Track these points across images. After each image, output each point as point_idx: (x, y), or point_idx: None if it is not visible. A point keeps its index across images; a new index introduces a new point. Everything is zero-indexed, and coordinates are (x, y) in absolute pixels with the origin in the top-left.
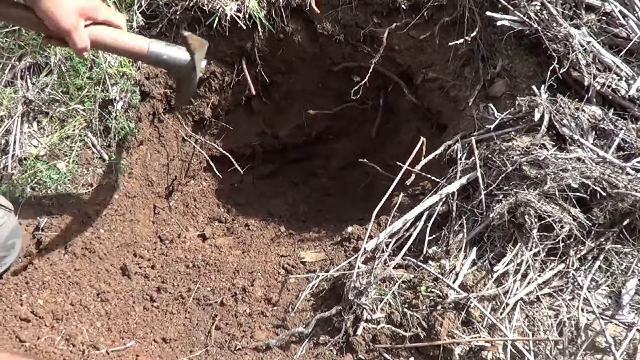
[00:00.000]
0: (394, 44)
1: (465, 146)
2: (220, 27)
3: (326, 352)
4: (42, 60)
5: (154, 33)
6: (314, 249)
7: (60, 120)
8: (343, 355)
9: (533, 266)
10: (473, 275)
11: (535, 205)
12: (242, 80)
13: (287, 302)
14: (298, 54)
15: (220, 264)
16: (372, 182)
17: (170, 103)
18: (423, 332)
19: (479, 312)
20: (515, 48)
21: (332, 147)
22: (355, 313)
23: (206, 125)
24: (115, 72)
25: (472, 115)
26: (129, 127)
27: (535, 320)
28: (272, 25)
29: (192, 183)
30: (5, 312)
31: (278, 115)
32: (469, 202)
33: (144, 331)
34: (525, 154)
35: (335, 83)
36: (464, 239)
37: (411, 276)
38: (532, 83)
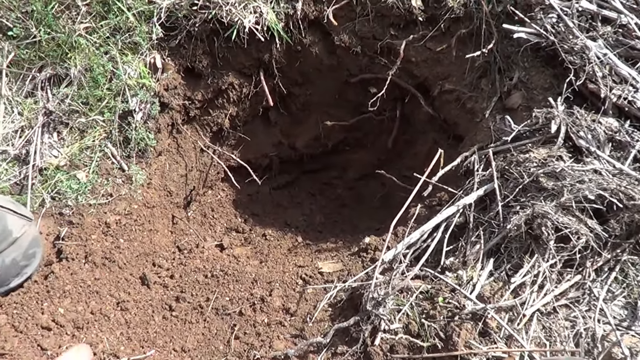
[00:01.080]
0: (411, 56)
1: (482, 158)
2: (238, 39)
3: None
4: (62, 71)
5: (173, 45)
6: (332, 260)
7: (80, 130)
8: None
9: (550, 277)
10: (490, 286)
11: (552, 217)
12: (260, 91)
13: (305, 312)
14: (315, 66)
15: (239, 274)
16: (388, 193)
17: (188, 114)
18: (440, 343)
19: (496, 322)
20: (532, 60)
21: (348, 158)
22: (373, 323)
23: (224, 136)
24: (135, 83)
25: (488, 127)
26: (148, 138)
27: (552, 331)
28: (290, 37)
29: (210, 193)
30: (27, 320)
31: (295, 126)
32: (486, 214)
33: (163, 340)
34: (542, 165)
35: (352, 94)
36: (481, 250)
37: (429, 287)
38: (549, 95)
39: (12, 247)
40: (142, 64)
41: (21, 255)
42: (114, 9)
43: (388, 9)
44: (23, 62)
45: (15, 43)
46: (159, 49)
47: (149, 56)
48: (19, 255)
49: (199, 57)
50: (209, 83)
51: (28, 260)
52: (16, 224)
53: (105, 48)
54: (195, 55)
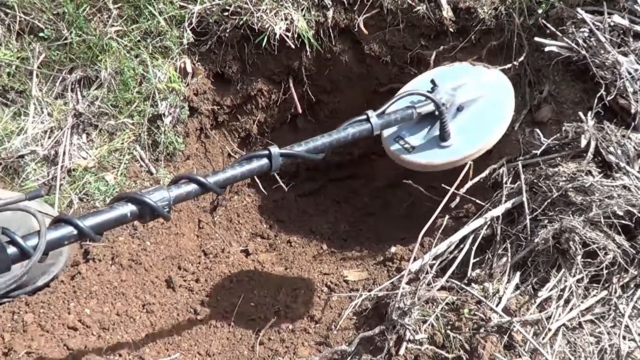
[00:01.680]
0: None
1: (510, 170)
2: (268, 45)
3: None
4: (92, 73)
5: (203, 50)
6: (357, 268)
7: (109, 133)
8: None
9: (576, 292)
10: (516, 300)
11: (580, 232)
12: (289, 98)
13: (329, 320)
14: (345, 74)
15: (264, 280)
16: (414, 202)
17: (217, 119)
18: (465, 355)
19: (521, 336)
20: (563, 74)
21: (374, 167)
22: (398, 333)
23: (252, 142)
24: (165, 87)
25: (517, 140)
26: (177, 142)
27: (577, 347)
28: (320, 45)
29: (236, 199)
30: (54, 320)
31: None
32: (514, 227)
33: (188, 344)
34: (571, 180)
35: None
36: (507, 263)
37: (454, 298)
38: (579, 109)
39: None
40: (173, 68)
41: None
42: (145, 13)
43: (419, 19)
44: (53, 64)
45: (47, 44)
46: (189, 53)
47: (179, 60)
48: None
49: (229, 62)
50: (238, 89)
51: (54, 258)
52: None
53: (135, 51)
54: (225, 60)
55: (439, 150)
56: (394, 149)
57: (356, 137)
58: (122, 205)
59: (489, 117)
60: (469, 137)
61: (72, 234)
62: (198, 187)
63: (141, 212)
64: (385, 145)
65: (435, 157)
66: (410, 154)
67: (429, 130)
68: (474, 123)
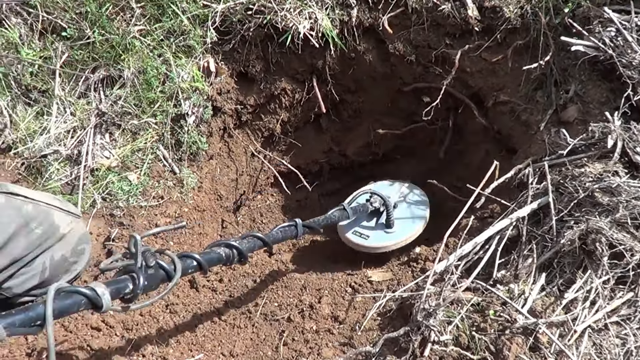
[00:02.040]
0: (466, 66)
1: (536, 171)
2: (292, 44)
3: None
4: (115, 73)
5: (227, 49)
6: (381, 268)
7: (132, 132)
8: None
9: (602, 294)
10: (542, 301)
11: (606, 233)
12: (312, 97)
13: (354, 321)
14: (369, 73)
15: (287, 280)
16: (437, 202)
17: (240, 119)
18: (491, 356)
19: (547, 338)
20: (589, 73)
21: (399, 166)
22: (423, 334)
23: (275, 141)
24: (188, 86)
25: (543, 140)
26: (200, 142)
27: (603, 348)
28: (344, 44)
29: (259, 198)
30: (77, 320)
31: (346, 133)
32: (539, 227)
33: (211, 344)
34: (598, 180)
35: (404, 103)
36: (533, 264)
37: (480, 299)
38: (605, 109)
39: (60, 244)
40: (196, 68)
41: (70, 251)
42: (169, 12)
43: (444, 18)
44: (76, 63)
45: (69, 44)
46: (213, 52)
47: (203, 60)
48: (68, 251)
49: (253, 61)
50: (261, 88)
51: (77, 256)
52: (63, 220)
53: (159, 51)
54: (248, 59)
55: (387, 236)
56: (354, 239)
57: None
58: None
59: (415, 212)
60: (405, 225)
61: (194, 265)
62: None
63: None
64: (343, 236)
65: (386, 241)
66: (367, 241)
67: (375, 223)
68: (406, 215)
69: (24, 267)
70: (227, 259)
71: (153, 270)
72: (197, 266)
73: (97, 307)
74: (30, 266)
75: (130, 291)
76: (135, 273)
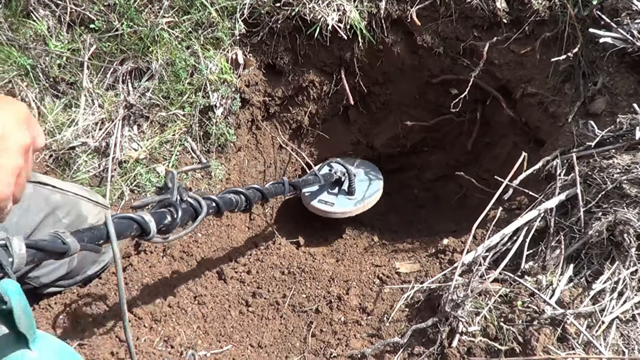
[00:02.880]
0: (494, 58)
1: (564, 162)
2: (320, 36)
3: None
4: (143, 65)
5: (255, 41)
6: (409, 260)
7: (160, 124)
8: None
9: (630, 285)
10: (569, 292)
11: (634, 224)
12: (340, 90)
13: (381, 312)
14: (397, 65)
15: (315, 272)
16: (465, 194)
17: (268, 111)
18: (519, 347)
19: (574, 328)
20: (617, 65)
21: (426, 158)
22: (451, 325)
23: (303, 133)
24: (216, 78)
25: (571, 132)
26: (229, 134)
27: (631, 339)
28: (372, 36)
29: None
30: (106, 311)
31: (374, 125)
32: (567, 219)
33: (240, 335)
34: (626, 172)
35: (432, 95)
36: (561, 255)
37: (507, 291)
38: (633, 101)
39: None
40: (224, 60)
41: None
42: (197, 4)
43: (472, 10)
44: (104, 55)
45: (97, 36)
46: (241, 44)
47: (231, 52)
48: None
49: (281, 53)
50: (289, 80)
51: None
52: (91, 211)
53: (187, 43)
54: (276, 52)
55: (349, 202)
56: (320, 206)
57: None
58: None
59: (372, 180)
60: (364, 191)
61: (213, 206)
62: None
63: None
64: (308, 204)
65: (349, 206)
66: (332, 207)
67: (338, 191)
68: (365, 184)
69: None
70: (237, 204)
71: (185, 206)
72: (215, 207)
73: (145, 233)
74: None
75: (169, 222)
76: (173, 206)
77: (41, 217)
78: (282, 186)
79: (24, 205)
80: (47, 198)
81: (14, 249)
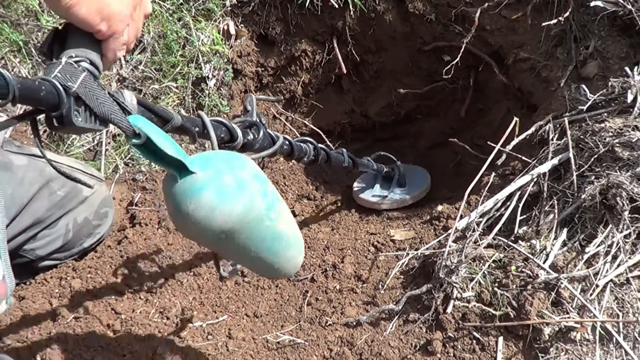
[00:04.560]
0: (486, 24)
1: (557, 127)
2: (312, 6)
3: (416, 330)
4: None
5: (246, 12)
6: (403, 227)
7: (153, 97)
8: (432, 333)
9: (624, 248)
10: (563, 256)
11: (627, 187)
12: (333, 59)
13: (377, 280)
14: (389, 33)
15: (311, 241)
16: (460, 161)
17: (261, 81)
18: (513, 312)
19: (568, 292)
20: (608, 29)
21: (420, 126)
22: (445, 291)
23: (297, 103)
24: (208, 50)
25: (563, 96)
26: (222, 105)
27: (625, 302)
28: (364, 4)
29: (281, 160)
30: (101, 284)
31: (367, 94)
32: (560, 183)
33: (235, 306)
34: (618, 135)
35: (425, 62)
36: (554, 219)
37: (501, 256)
38: (625, 64)
39: (83, 206)
40: (216, 31)
41: (93, 214)
42: None
43: None
44: None
45: None
46: (232, 15)
47: (223, 23)
48: (91, 214)
49: (272, 23)
50: (282, 50)
51: (100, 219)
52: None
53: (178, 15)
54: (268, 22)
55: (403, 191)
56: (374, 199)
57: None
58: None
59: (420, 172)
60: (415, 183)
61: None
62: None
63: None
64: (364, 201)
65: (404, 195)
66: (386, 199)
67: (390, 184)
68: (414, 177)
69: (47, 229)
70: (306, 153)
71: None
72: (289, 146)
73: (233, 138)
74: (53, 228)
75: (252, 138)
76: (256, 126)
77: (36, 189)
78: (342, 156)
79: (19, 177)
80: (42, 170)
81: (127, 99)
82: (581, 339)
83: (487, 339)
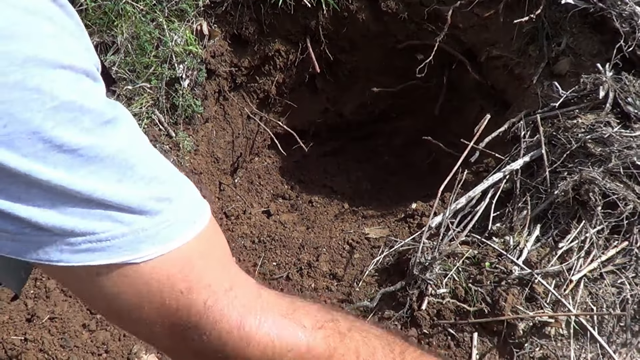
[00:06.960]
0: (458, 22)
1: (529, 124)
2: (285, 5)
3: (390, 326)
4: (109, 39)
5: (219, 12)
6: (378, 225)
7: (127, 98)
8: (407, 330)
9: (597, 243)
10: (537, 252)
11: (599, 183)
12: (306, 58)
13: (352, 277)
14: (362, 32)
15: (286, 240)
16: (435, 160)
17: (235, 81)
18: (487, 308)
19: (542, 288)
20: (580, 26)
21: (395, 125)
22: (419, 288)
23: (271, 103)
24: (182, 50)
25: (536, 93)
26: (195, 105)
27: (599, 297)
28: (337, 4)
29: (256, 160)
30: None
31: (342, 93)
32: (533, 180)
33: None
34: (590, 131)
35: (398, 61)
36: (528, 215)
37: (475, 252)
38: (597, 61)
39: None
40: (189, 31)
41: None
42: None
43: None
44: None
45: None
46: (205, 15)
47: (196, 23)
48: None
49: (246, 23)
50: (255, 50)
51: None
52: None
53: (151, 15)
54: (241, 22)
55: None
56: None
57: None
58: None
59: None
60: None
61: None
62: None
63: None
64: None
65: None
66: None
67: None
68: None
69: None
70: None
71: None
72: None
73: None
74: None
75: None
76: None
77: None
78: None
79: None
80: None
81: None
82: (555, 334)
83: (462, 335)
